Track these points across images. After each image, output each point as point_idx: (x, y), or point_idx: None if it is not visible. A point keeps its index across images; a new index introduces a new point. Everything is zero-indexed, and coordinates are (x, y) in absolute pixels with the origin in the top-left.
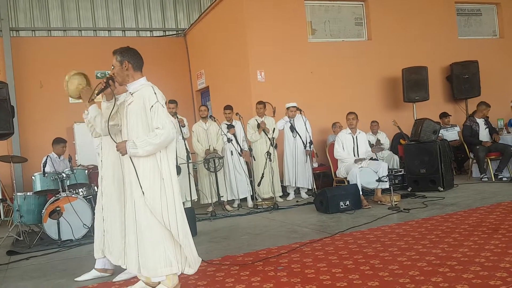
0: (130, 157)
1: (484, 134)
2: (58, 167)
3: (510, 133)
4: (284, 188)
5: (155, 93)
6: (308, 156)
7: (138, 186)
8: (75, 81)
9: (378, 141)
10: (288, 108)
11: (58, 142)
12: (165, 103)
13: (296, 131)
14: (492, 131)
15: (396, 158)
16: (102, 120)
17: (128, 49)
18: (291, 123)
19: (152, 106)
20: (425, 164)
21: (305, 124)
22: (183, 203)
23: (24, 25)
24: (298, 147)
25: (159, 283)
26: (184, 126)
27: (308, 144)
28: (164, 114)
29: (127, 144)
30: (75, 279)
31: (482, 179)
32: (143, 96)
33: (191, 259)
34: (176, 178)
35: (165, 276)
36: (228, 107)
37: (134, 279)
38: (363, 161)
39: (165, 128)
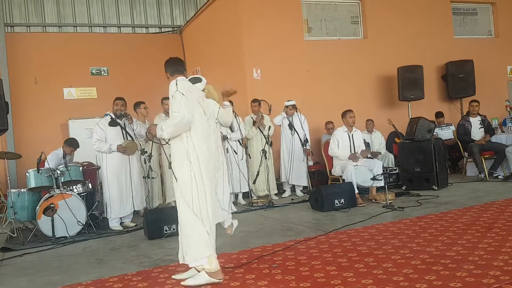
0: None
1: (477, 133)
2: (56, 163)
3: (504, 132)
4: (279, 186)
5: (176, 84)
6: (305, 154)
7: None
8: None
9: (367, 144)
10: (287, 107)
11: (70, 144)
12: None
13: (295, 129)
14: (488, 131)
15: (391, 156)
16: None
17: (166, 61)
18: (289, 121)
19: (172, 96)
20: (419, 163)
21: (301, 123)
22: None
23: (18, 21)
24: (295, 144)
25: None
26: None
27: (305, 142)
28: (182, 100)
29: (157, 128)
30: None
31: (479, 177)
32: (169, 91)
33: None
34: (205, 163)
35: (205, 259)
36: None
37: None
38: (358, 159)
39: (180, 111)
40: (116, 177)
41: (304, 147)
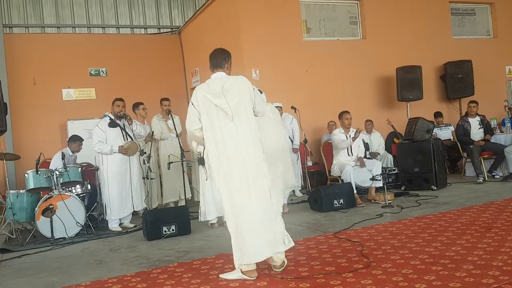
0: None
1: (477, 134)
2: (67, 163)
3: (503, 132)
4: None
5: (194, 92)
6: (296, 154)
7: None
8: None
9: (366, 145)
10: None
11: (75, 139)
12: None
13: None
14: (488, 131)
15: (390, 157)
16: None
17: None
18: None
19: None
20: (418, 163)
21: (291, 122)
22: (177, 201)
23: (17, 22)
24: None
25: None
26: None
27: (303, 142)
28: (189, 112)
29: None
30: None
31: (478, 182)
32: None
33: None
34: (223, 169)
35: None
36: None
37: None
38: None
39: (186, 125)
40: (116, 178)
41: (293, 147)
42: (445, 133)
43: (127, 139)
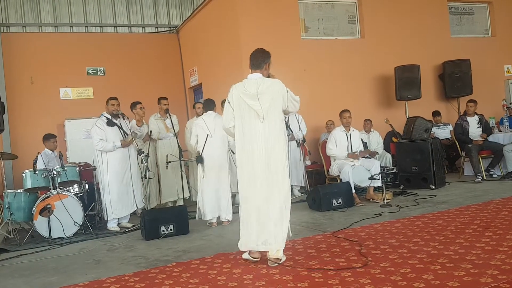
0: None
1: (475, 133)
2: (54, 163)
3: (501, 131)
4: None
5: (230, 90)
6: (301, 154)
7: None
8: None
9: (365, 144)
10: None
11: (48, 138)
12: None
13: (290, 129)
14: (486, 130)
15: (388, 156)
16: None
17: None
18: (285, 121)
19: None
20: (417, 162)
21: (298, 122)
22: (175, 201)
23: (14, 21)
24: (291, 144)
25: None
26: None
27: (302, 142)
28: (225, 109)
29: None
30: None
31: (476, 181)
32: None
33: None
34: (244, 165)
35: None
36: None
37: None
38: (356, 159)
39: (223, 122)
40: (117, 177)
41: (302, 145)
42: (443, 132)
43: (125, 138)
